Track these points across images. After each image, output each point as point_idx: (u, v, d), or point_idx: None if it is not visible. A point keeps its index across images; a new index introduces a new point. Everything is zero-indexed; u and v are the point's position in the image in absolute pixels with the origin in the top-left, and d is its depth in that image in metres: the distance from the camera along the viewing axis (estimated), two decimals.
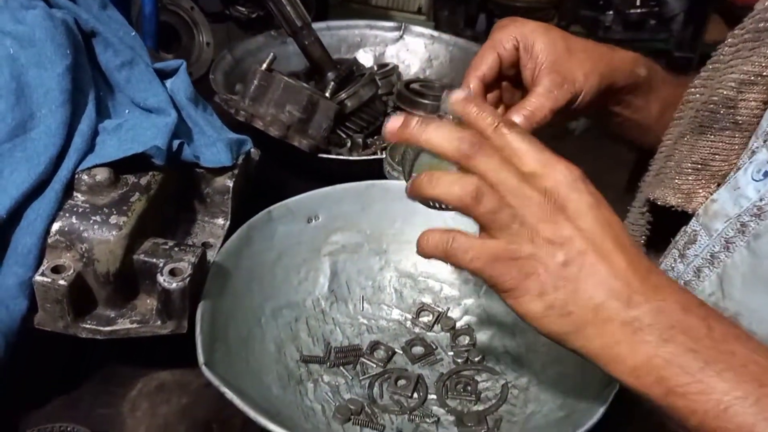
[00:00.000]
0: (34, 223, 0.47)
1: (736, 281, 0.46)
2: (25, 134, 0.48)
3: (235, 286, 0.56)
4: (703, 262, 0.49)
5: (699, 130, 0.52)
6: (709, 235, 0.49)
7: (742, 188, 0.47)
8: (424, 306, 0.65)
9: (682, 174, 0.52)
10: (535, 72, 0.54)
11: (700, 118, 0.52)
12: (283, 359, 0.57)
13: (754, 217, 0.45)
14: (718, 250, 0.48)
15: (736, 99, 0.49)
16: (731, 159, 0.50)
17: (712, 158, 0.51)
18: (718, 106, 0.50)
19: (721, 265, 0.47)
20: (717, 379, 0.34)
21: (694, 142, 0.52)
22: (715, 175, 0.51)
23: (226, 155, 0.58)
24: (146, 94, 0.56)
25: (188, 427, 0.53)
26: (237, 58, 0.95)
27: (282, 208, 0.63)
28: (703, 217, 0.50)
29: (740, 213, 0.47)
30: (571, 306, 0.37)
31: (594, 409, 0.45)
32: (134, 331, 0.50)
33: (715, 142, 0.51)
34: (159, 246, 0.51)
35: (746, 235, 0.46)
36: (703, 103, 0.52)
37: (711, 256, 0.48)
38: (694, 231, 0.50)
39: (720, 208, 0.49)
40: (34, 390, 0.54)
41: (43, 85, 0.49)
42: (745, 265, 0.45)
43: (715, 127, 0.50)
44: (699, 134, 0.52)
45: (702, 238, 0.49)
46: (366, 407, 0.55)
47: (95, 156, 0.50)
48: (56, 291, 0.47)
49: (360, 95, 0.87)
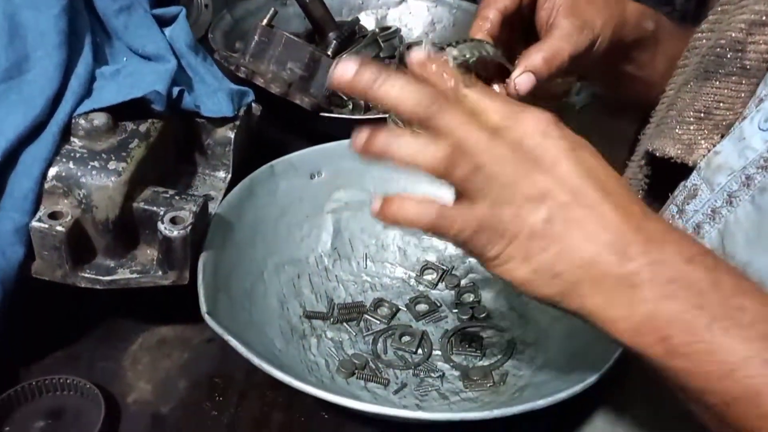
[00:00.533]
0: (31, 166, 0.45)
1: (738, 238, 0.43)
2: (21, 76, 0.47)
3: (237, 239, 0.55)
4: (704, 218, 0.46)
5: (704, 76, 0.49)
6: (710, 189, 0.46)
7: (748, 139, 0.45)
8: (428, 264, 0.65)
9: (683, 123, 0.49)
10: (551, 14, 0.50)
11: (705, 63, 0.49)
12: (286, 314, 0.57)
13: (761, 169, 0.43)
14: (720, 205, 0.45)
15: (745, 42, 0.46)
16: (736, 108, 0.48)
17: (716, 106, 0.48)
18: (725, 50, 0.47)
19: (722, 221, 0.45)
20: (723, 338, 0.31)
21: (698, 89, 0.49)
22: (719, 125, 0.48)
23: (228, 105, 0.57)
24: (145, 40, 0.55)
25: (189, 382, 0.53)
26: (236, 18, 0.93)
27: (284, 162, 0.62)
28: (704, 171, 0.47)
29: (745, 165, 0.44)
30: (558, 266, 0.34)
31: (602, 362, 0.45)
32: (135, 281, 0.49)
33: (720, 88, 0.48)
34: (159, 194, 0.50)
35: (751, 188, 0.43)
36: (709, 48, 0.49)
37: (712, 211, 0.46)
38: (695, 185, 0.48)
39: (723, 161, 0.46)
40: (34, 342, 0.53)
41: (38, 27, 0.48)
42: (749, 221, 0.43)
43: (721, 72, 0.48)
44: (703, 80, 0.49)
45: (703, 193, 0.47)
46: (370, 362, 0.54)
47: (93, 101, 0.49)
48: (53, 237, 0.46)
49: (363, 55, 0.85)
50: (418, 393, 0.52)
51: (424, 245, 0.66)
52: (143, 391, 0.52)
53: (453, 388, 0.53)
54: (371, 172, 0.65)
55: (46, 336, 0.54)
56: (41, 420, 0.47)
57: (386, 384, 0.53)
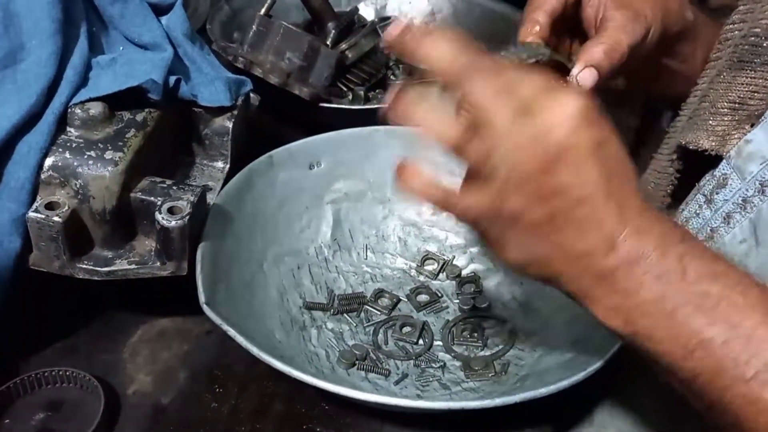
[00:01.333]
0: (27, 156, 0.45)
1: None
2: (15, 65, 0.47)
3: (236, 230, 0.55)
4: (734, 207, 0.47)
5: (737, 66, 0.49)
6: (741, 178, 0.47)
7: None
8: (429, 254, 0.64)
9: (717, 115, 0.49)
10: (599, 10, 0.50)
11: (739, 53, 0.49)
12: (286, 305, 0.56)
13: None
14: (752, 194, 0.45)
15: None
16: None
17: (751, 96, 0.48)
18: (760, 39, 0.47)
19: (754, 210, 0.45)
20: (686, 322, 0.34)
21: (731, 79, 0.49)
22: (752, 115, 0.48)
23: (225, 95, 0.56)
24: (141, 29, 0.54)
25: (189, 373, 0.53)
26: (234, 9, 0.92)
27: (283, 152, 0.62)
28: (735, 159, 0.47)
29: None
30: (552, 256, 0.36)
31: (604, 351, 0.45)
32: (133, 272, 0.49)
33: (756, 78, 0.48)
34: (157, 184, 0.49)
35: None
36: (742, 37, 0.49)
37: (743, 200, 0.46)
38: (724, 174, 0.48)
39: (755, 149, 0.46)
40: (33, 335, 0.53)
41: (33, 15, 0.47)
42: None
43: (756, 62, 0.48)
44: (737, 70, 0.49)
45: (734, 182, 0.47)
46: (371, 353, 0.54)
47: (89, 90, 0.49)
48: (50, 228, 0.45)
49: (361, 46, 0.84)
50: (419, 383, 0.52)
51: (425, 235, 0.66)
52: (143, 382, 0.51)
53: (454, 378, 0.53)
54: (371, 162, 0.65)
55: (45, 328, 0.54)
56: (41, 412, 0.47)
57: (387, 374, 0.52)
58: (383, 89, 0.88)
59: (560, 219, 0.35)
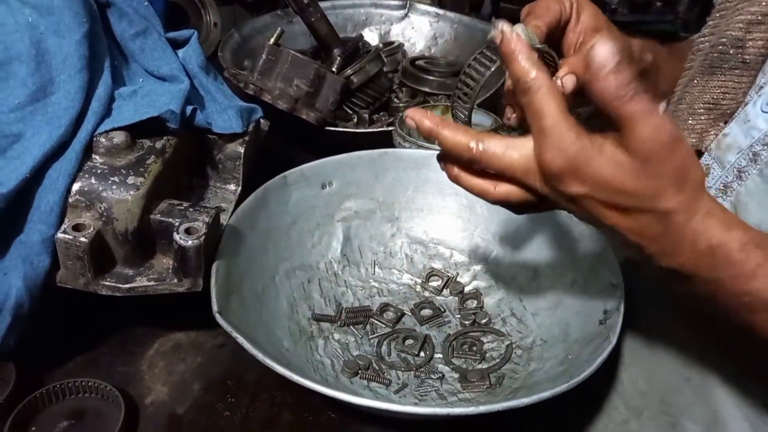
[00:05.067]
0: (56, 182, 0.48)
1: (750, 207, 0.48)
2: (46, 98, 0.50)
3: (250, 245, 0.58)
4: (717, 193, 0.51)
5: (709, 71, 0.54)
6: (721, 167, 0.51)
7: (753, 120, 0.49)
8: (433, 271, 0.67)
9: (694, 114, 0.54)
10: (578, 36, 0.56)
11: (710, 60, 0.54)
12: (296, 316, 0.59)
13: (766, 146, 0.48)
14: (731, 180, 0.50)
15: (745, 39, 0.51)
16: (739, 97, 0.52)
17: (723, 97, 0.53)
18: (727, 47, 0.52)
19: (734, 194, 0.50)
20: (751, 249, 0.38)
21: (705, 83, 0.54)
22: (725, 113, 0.53)
23: (237, 122, 0.60)
24: (160, 62, 0.58)
25: (203, 384, 0.55)
26: (244, 37, 0.97)
27: (297, 173, 0.64)
28: (715, 151, 0.52)
29: (752, 143, 0.49)
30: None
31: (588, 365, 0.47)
32: (152, 288, 0.52)
33: (725, 81, 0.53)
34: (174, 207, 0.53)
35: (758, 163, 0.48)
36: (712, 47, 0.54)
37: (724, 186, 0.50)
38: (707, 165, 0.53)
39: (732, 141, 0.51)
40: (58, 348, 0.56)
41: (62, 52, 0.51)
42: (759, 191, 0.48)
43: (725, 66, 0.52)
44: (710, 75, 0.54)
45: (715, 171, 0.52)
46: (374, 363, 0.57)
47: (112, 120, 0.52)
48: (77, 248, 0.48)
49: (366, 71, 0.88)
50: (418, 393, 0.55)
51: (431, 253, 0.68)
52: (160, 392, 0.54)
53: (451, 389, 0.55)
54: (380, 183, 0.68)
55: (69, 341, 0.57)
56: (65, 420, 0.50)
57: (388, 384, 0.55)
58: (387, 112, 0.92)
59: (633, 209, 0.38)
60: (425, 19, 1.09)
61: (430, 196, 0.69)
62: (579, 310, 0.56)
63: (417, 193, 0.69)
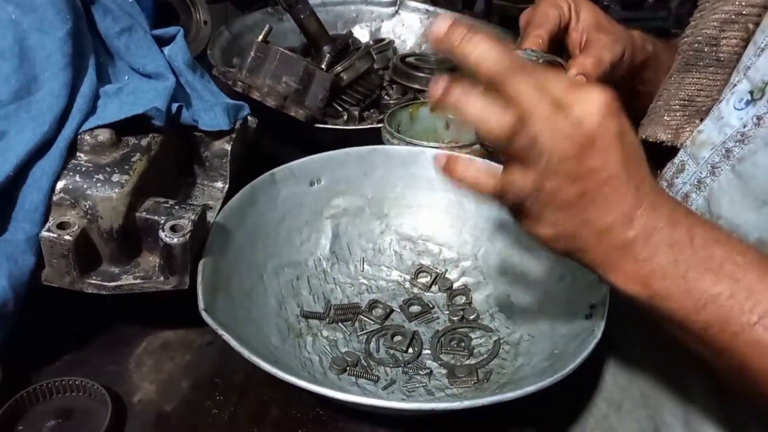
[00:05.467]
0: (40, 180, 0.48)
1: (723, 201, 0.49)
2: (30, 96, 0.50)
3: (238, 242, 0.58)
4: (691, 188, 0.52)
5: (685, 68, 0.55)
6: (696, 163, 0.52)
7: (726, 117, 0.50)
8: (422, 267, 0.67)
9: (670, 111, 0.55)
10: (583, 35, 0.59)
11: (686, 57, 0.55)
12: (284, 313, 0.59)
13: (738, 142, 0.48)
14: (705, 175, 0.51)
15: (719, 37, 0.52)
16: (714, 95, 0.53)
17: (698, 94, 0.54)
18: (702, 45, 0.53)
19: (707, 189, 0.50)
20: (696, 282, 0.39)
21: (681, 80, 0.55)
22: (700, 110, 0.54)
23: (224, 119, 0.60)
24: (145, 60, 0.58)
25: (191, 382, 0.55)
26: (234, 34, 0.97)
27: (285, 170, 0.64)
28: (690, 147, 0.53)
29: (725, 140, 0.50)
30: (579, 232, 0.40)
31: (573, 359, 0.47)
32: (138, 286, 0.52)
33: (700, 78, 0.53)
34: (160, 204, 0.53)
35: (731, 159, 0.49)
36: (689, 45, 0.55)
37: (698, 181, 0.51)
38: (682, 161, 0.53)
39: (706, 138, 0.51)
40: (45, 347, 0.56)
41: (45, 49, 0.51)
42: (731, 186, 0.48)
43: (700, 64, 0.53)
44: (685, 72, 0.55)
45: (690, 167, 0.52)
46: (362, 360, 0.57)
47: (97, 117, 0.52)
48: (62, 246, 0.48)
49: (356, 68, 0.88)
50: (406, 389, 0.55)
51: (420, 249, 0.68)
52: (148, 391, 0.54)
53: (439, 385, 0.55)
54: (369, 180, 0.68)
55: (56, 340, 0.57)
56: (52, 419, 0.50)
57: (376, 380, 0.55)
58: (377, 109, 0.92)
59: (589, 197, 0.39)
60: (416, 16, 1.10)
61: (419, 193, 0.69)
62: (566, 305, 0.56)
63: (406, 190, 0.69)
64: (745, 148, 0.48)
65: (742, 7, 0.51)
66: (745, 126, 0.48)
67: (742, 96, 0.49)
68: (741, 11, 0.51)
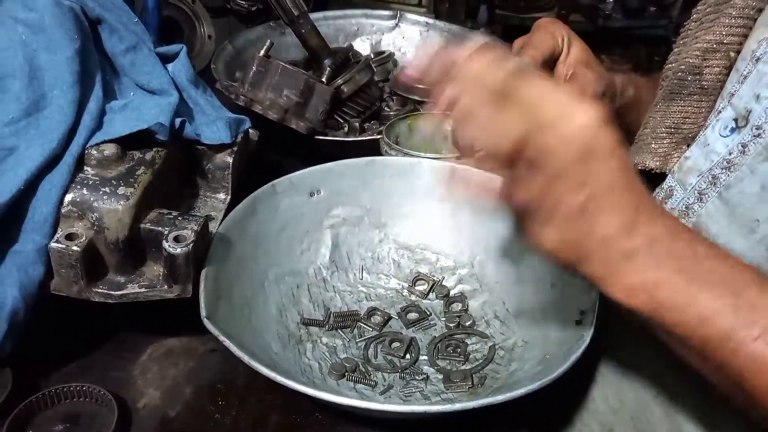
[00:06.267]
0: (49, 193, 0.50)
1: (711, 228, 0.49)
2: (39, 113, 0.52)
3: (240, 252, 0.60)
4: (679, 214, 0.52)
5: (669, 97, 0.55)
6: (684, 189, 0.52)
7: (712, 144, 0.51)
8: (420, 275, 0.69)
9: (657, 138, 0.56)
10: (568, 68, 0.61)
11: (670, 86, 0.55)
12: (284, 321, 0.61)
13: (724, 169, 0.49)
14: (693, 202, 0.51)
15: (702, 66, 0.53)
16: (699, 122, 0.54)
17: (683, 121, 0.54)
18: (685, 74, 0.54)
19: (695, 215, 0.51)
20: (699, 294, 0.39)
21: (666, 108, 0.56)
22: (686, 137, 0.54)
23: (226, 133, 0.62)
24: (149, 77, 0.60)
25: (195, 388, 0.57)
26: (237, 48, 0.99)
27: (285, 182, 0.66)
28: (678, 174, 0.54)
29: (711, 167, 0.50)
30: (582, 240, 0.41)
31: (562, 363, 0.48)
32: (143, 295, 0.54)
33: (685, 106, 0.54)
34: (164, 216, 0.54)
35: (717, 186, 0.49)
36: (673, 73, 0.56)
37: (686, 207, 0.52)
38: (670, 187, 0.54)
39: (693, 164, 0.52)
40: (53, 354, 0.57)
41: (54, 68, 0.53)
42: (719, 213, 0.49)
43: (684, 92, 0.54)
44: (670, 101, 0.55)
45: (678, 192, 0.53)
46: (360, 366, 0.58)
47: (103, 133, 0.54)
48: (70, 257, 0.50)
49: (356, 80, 0.90)
50: (403, 394, 0.56)
51: (417, 258, 0.70)
52: (152, 396, 0.56)
53: (435, 390, 0.57)
54: (368, 190, 0.70)
55: (64, 347, 0.58)
56: (60, 424, 0.51)
57: (374, 386, 0.56)
58: (378, 121, 0.94)
59: (594, 204, 0.40)
60: (415, 29, 1.11)
61: (417, 203, 0.71)
62: (558, 311, 0.57)
63: (404, 200, 0.70)
64: (731, 175, 0.48)
65: (723, 36, 0.51)
66: (731, 153, 0.48)
67: (726, 123, 0.49)
68: (722, 40, 0.52)
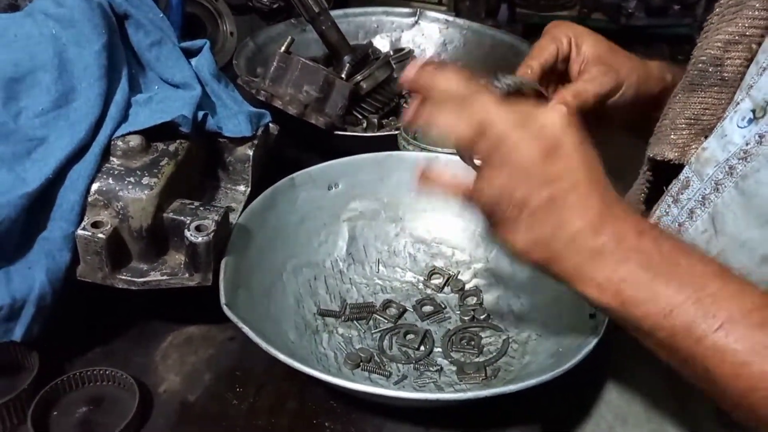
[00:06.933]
0: (77, 182, 0.52)
1: (727, 218, 0.49)
2: (68, 105, 0.54)
3: (259, 243, 0.61)
4: (696, 204, 0.52)
5: (690, 88, 0.55)
6: (700, 180, 0.52)
7: (729, 135, 0.51)
8: (435, 269, 0.69)
9: (677, 129, 0.56)
10: (581, 66, 0.62)
11: (691, 77, 0.55)
12: (302, 311, 0.62)
13: (741, 160, 0.49)
14: (709, 192, 0.51)
15: (723, 57, 0.53)
16: (719, 113, 0.54)
17: (703, 113, 0.54)
18: (706, 65, 0.54)
19: (711, 205, 0.51)
20: (663, 288, 0.40)
21: (686, 99, 0.56)
22: (705, 128, 0.54)
23: (247, 126, 0.63)
24: (174, 71, 0.61)
25: (213, 375, 0.58)
26: (259, 45, 1.00)
27: (304, 175, 0.67)
28: (695, 164, 0.54)
29: (728, 157, 0.50)
30: (549, 240, 0.42)
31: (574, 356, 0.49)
32: (165, 282, 0.55)
33: (705, 98, 0.54)
34: (186, 206, 0.56)
35: (734, 176, 0.49)
36: (693, 64, 0.56)
37: (702, 198, 0.52)
38: (687, 177, 0.54)
39: (710, 155, 0.52)
40: (78, 339, 0.59)
41: (82, 61, 0.55)
42: (734, 203, 0.49)
43: (705, 84, 0.54)
44: (690, 92, 0.55)
45: (694, 183, 0.53)
46: (375, 356, 0.59)
47: (129, 125, 0.56)
48: (95, 244, 0.52)
49: (375, 77, 0.91)
50: (417, 384, 0.57)
51: (433, 252, 0.71)
52: (173, 382, 0.57)
53: (449, 381, 0.57)
54: (385, 185, 0.71)
55: (89, 333, 0.60)
56: (84, 406, 0.53)
57: (388, 376, 0.57)
58: (396, 117, 0.94)
59: (559, 201, 0.41)
60: (435, 26, 1.12)
61: (433, 197, 0.71)
62: (572, 304, 0.58)
63: (420, 194, 0.71)
64: (748, 165, 0.48)
65: (746, 28, 0.51)
66: (748, 144, 0.48)
67: (744, 114, 0.49)
68: (744, 32, 0.51)
